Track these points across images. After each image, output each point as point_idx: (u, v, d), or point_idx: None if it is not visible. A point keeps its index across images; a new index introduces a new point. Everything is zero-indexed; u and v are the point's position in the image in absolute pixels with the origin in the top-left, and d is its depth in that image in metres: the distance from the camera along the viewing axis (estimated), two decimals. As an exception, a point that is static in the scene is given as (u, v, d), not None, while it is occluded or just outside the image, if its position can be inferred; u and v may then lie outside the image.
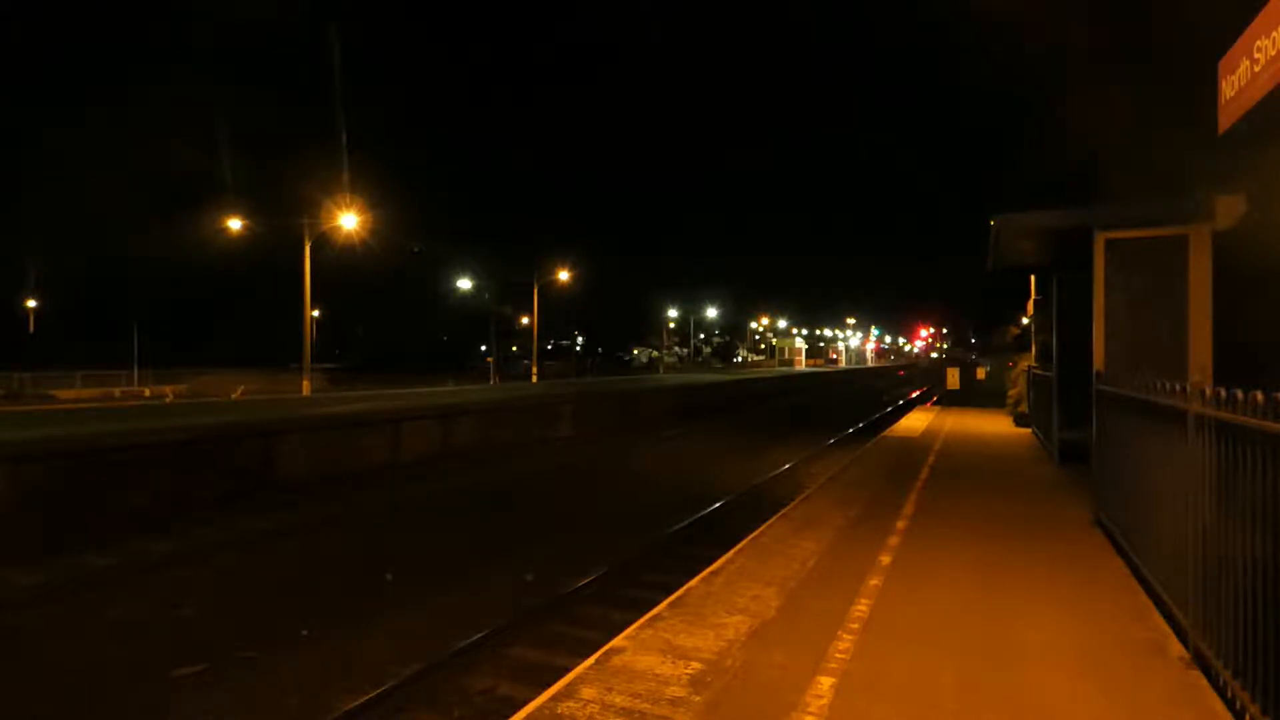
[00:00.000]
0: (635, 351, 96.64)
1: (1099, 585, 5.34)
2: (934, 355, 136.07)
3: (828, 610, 4.85)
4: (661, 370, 68.01)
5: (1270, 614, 2.91)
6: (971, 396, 27.06)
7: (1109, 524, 6.48)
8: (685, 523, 10.80)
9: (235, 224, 26.60)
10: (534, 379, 40.50)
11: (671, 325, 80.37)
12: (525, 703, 3.74)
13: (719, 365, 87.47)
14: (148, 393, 33.56)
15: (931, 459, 11.69)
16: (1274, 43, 5.29)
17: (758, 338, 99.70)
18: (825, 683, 3.80)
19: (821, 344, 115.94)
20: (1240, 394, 3.21)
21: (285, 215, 26.28)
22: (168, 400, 25.60)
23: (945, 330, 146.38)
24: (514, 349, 73.13)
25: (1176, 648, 4.17)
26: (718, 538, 9.74)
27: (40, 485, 10.73)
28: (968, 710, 3.53)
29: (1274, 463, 2.88)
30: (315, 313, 39.20)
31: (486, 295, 53.39)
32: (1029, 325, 18.53)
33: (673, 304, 77.14)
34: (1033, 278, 16.52)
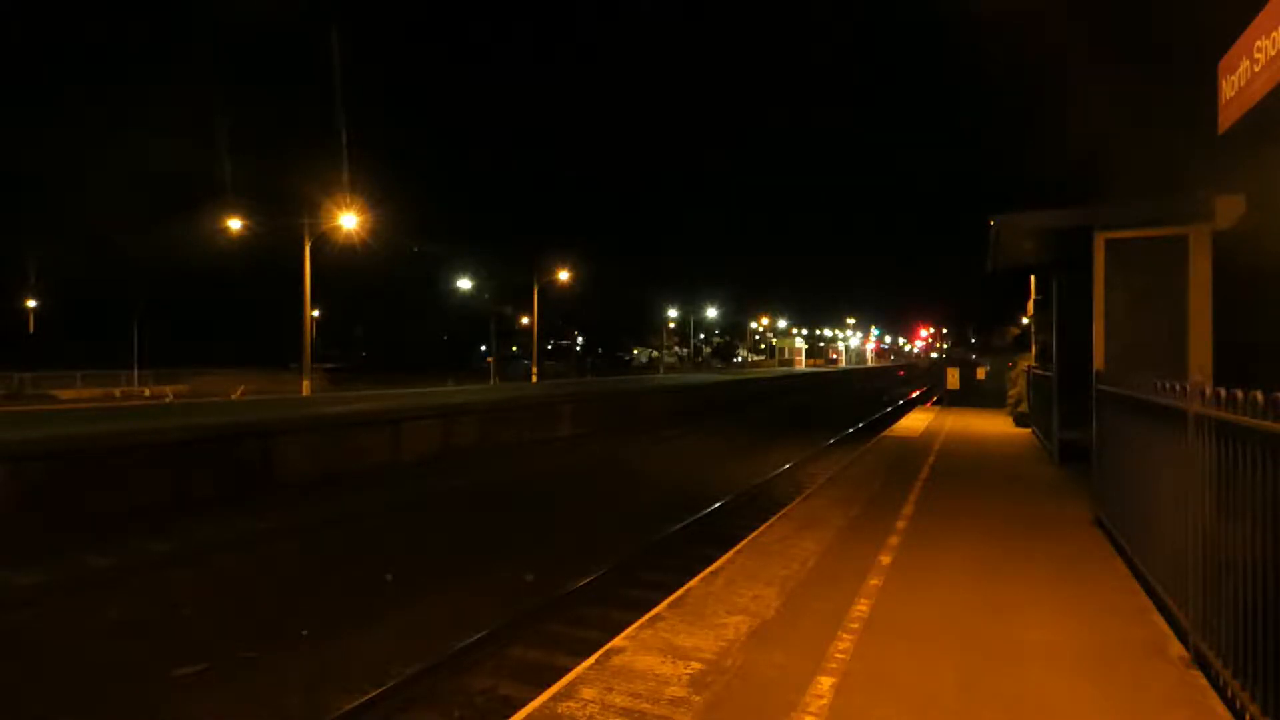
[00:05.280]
0: (635, 351, 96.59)
1: (1099, 585, 5.34)
2: (934, 355, 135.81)
3: (828, 610, 4.85)
4: (661, 370, 68.01)
5: (1270, 614, 2.91)
6: (971, 396, 27.03)
7: (1109, 524, 6.48)
8: (685, 523, 10.80)
9: (235, 224, 26.63)
10: (534, 379, 40.48)
11: (671, 325, 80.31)
12: (525, 703, 3.74)
13: (719, 365, 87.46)
14: (148, 393, 33.56)
15: (931, 459, 11.69)
16: (1274, 43, 5.30)
17: (758, 338, 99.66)
18: (825, 683, 3.80)
19: (821, 344, 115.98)
20: (1240, 394, 3.21)
21: (285, 215, 26.27)
22: (168, 400, 25.57)
23: (945, 330, 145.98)
24: (514, 349, 73.07)
25: (1176, 648, 4.17)
26: (718, 538, 9.76)
27: (40, 485, 10.73)
28: (968, 710, 3.53)
29: (1274, 463, 2.88)
30: (315, 313, 39.15)
31: (486, 295, 53.45)
32: (1029, 325, 18.53)
33: (673, 304, 77.09)
34: (1033, 278, 16.50)
